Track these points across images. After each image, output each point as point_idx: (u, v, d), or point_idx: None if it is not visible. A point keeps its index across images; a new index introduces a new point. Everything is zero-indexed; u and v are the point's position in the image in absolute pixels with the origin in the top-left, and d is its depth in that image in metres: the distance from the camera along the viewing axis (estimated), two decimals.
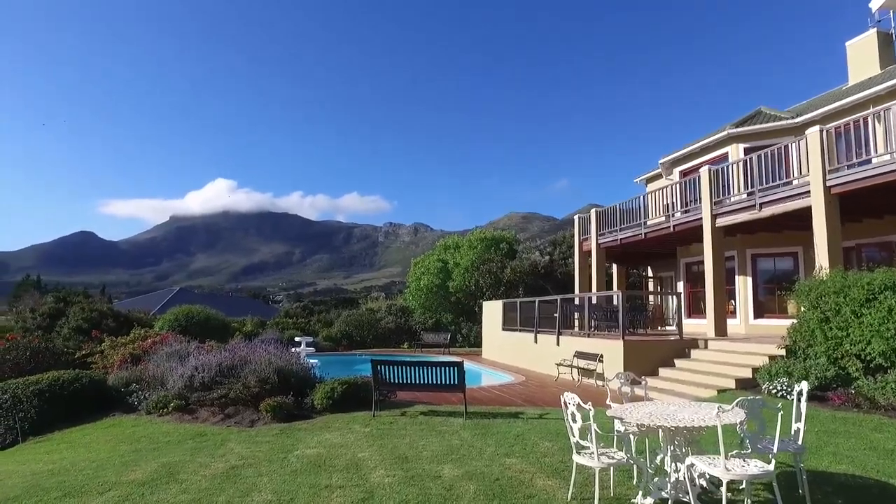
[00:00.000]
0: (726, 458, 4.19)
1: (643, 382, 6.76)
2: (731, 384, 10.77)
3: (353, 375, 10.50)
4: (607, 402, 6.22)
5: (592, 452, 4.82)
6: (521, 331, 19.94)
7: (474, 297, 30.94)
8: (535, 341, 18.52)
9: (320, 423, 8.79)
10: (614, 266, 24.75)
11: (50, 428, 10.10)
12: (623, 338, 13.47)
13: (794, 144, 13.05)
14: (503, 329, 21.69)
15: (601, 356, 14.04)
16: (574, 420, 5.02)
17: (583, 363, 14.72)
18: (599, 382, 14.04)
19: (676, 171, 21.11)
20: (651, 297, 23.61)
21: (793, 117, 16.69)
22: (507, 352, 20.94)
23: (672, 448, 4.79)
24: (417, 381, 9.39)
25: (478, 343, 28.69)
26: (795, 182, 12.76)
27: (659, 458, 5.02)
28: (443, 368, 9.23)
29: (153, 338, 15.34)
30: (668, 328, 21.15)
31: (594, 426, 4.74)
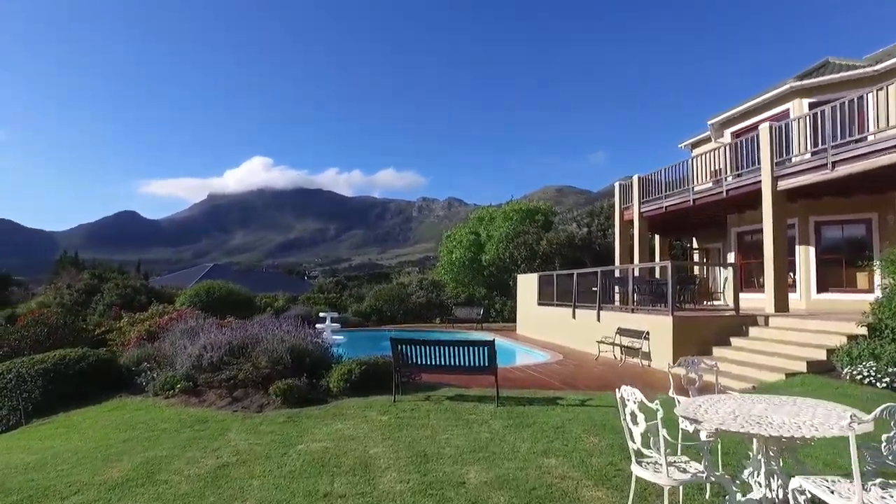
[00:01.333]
0: (864, 487, 2.99)
1: (713, 366, 5.52)
2: (802, 367, 9.41)
3: (373, 356, 9.54)
4: (670, 392, 5.06)
5: (660, 465, 3.69)
6: (558, 306, 18.75)
7: (508, 270, 29.78)
8: (574, 317, 17.31)
9: (333, 410, 7.87)
10: (656, 237, 23.19)
11: (55, 409, 9.49)
12: (672, 313, 12.16)
13: (870, 95, 11.35)
14: (539, 304, 20.53)
15: (647, 333, 12.80)
16: (635, 422, 3.88)
17: (626, 341, 13.50)
18: (645, 362, 12.81)
19: (727, 132, 19.34)
20: (696, 270, 22.05)
21: (871, 65, 14.77)
22: (542, 328, 19.80)
23: (765, 460, 3.63)
24: (443, 363, 8.36)
25: (511, 318, 27.60)
26: (871, 138, 11.12)
27: (746, 472, 3.85)
28: (472, 348, 8.16)
29: (170, 314, 14.73)
30: (715, 303, 19.66)
31: (664, 434, 3.60)
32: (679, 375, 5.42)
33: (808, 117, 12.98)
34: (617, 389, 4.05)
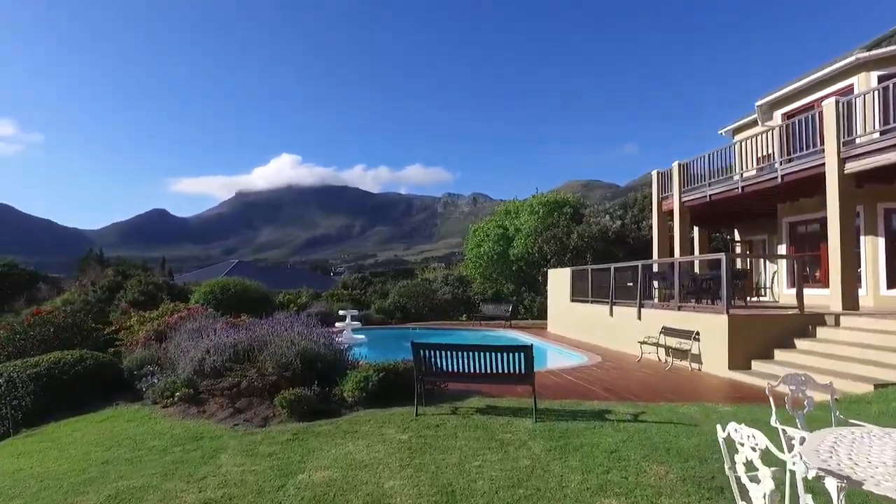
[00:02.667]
0: None
1: (828, 386, 4.27)
2: (894, 376, 8.06)
3: (393, 360, 8.49)
4: (773, 420, 3.85)
5: None
6: (593, 302, 17.49)
7: (537, 265, 28.53)
8: (611, 314, 16.04)
9: (346, 425, 6.83)
10: (695, 229, 21.70)
11: (47, 417, 8.65)
12: (727, 311, 10.84)
13: None
14: (572, 300, 19.27)
15: (697, 333, 11.50)
16: (754, 477, 2.70)
17: (672, 342, 12.21)
18: (695, 365, 11.52)
19: (777, 113, 17.76)
20: (738, 263, 20.57)
21: None
22: (576, 326, 18.55)
23: None
24: (473, 370, 7.25)
25: (541, 315, 26.36)
26: None
27: None
28: (506, 354, 7.02)
29: (180, 312, 13.90)
30: (760, 299, 18.19)
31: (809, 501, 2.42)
32: (779, 393, 4.19)
33: (877, 91, 11.51)
34: (723, 429, 2.87)
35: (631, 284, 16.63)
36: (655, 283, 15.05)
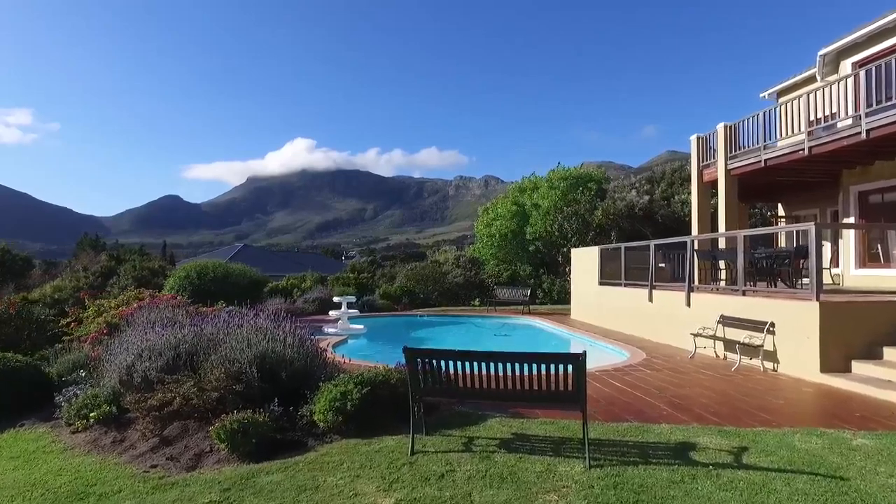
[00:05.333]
0: None
1: None
2: None
3: (383, 368, 6.26)
4: None
5: None
6: (627, 285, 15.12)
7: (557, 245, 26.15)
8: (650, 300, 13.68)
9: (307, 472, 4.60)
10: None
11: None
12: (817, 297, 8.43)
13: None
14: (600, 283, 16.90)
15: (771, 325, 9.12)
16: None
17: (735, 334, 9.87)
18: (768, 365, 9.15)
19: (847, 63, 15.11)
20: (783, 241, 18.14)
21: None
22: (606, 313, 16.22)
23: None
24: (495, 386, 4.95)
25: (561, 300, 24.05)
26: None
27: None
28: (544, 366, 4.71)
29: (141, 301, 11.77)
30: (805, 281, 15.78)
31: None
32: None
33: None
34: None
35: (663, 266, 14.31)
36: (721, 264, 12.70)
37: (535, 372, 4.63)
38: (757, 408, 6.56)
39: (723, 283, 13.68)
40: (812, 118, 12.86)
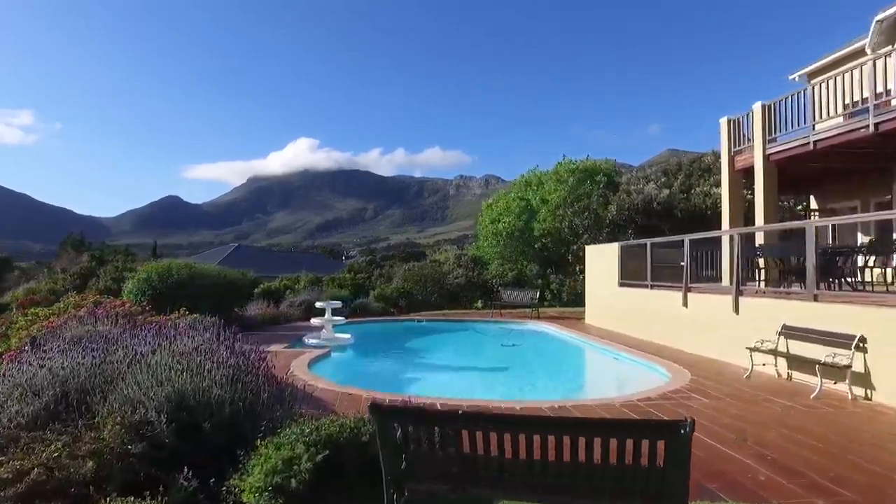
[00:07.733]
0: None
1: None
2: None
3: (345, 422, 4.30)
4: None
5: None
6: (654, 287, 13.17)
7: (566, 242, 24.16)
8: (685, 304, 11.71)
9: None
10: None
11: None
12: None
13: None
14: (621, 284, 14.93)
15: (861, 339, 7.15)
16: None
17: (804, 348, 7.90)
18: (858, 391, 7.18)
19: None
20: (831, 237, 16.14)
21: None
22: (628, 318, 14.26)
23: None
24: (527, 473, 2.93)
25: (572, 302, 22.07)
26: None
27: None
28: (620, 443, 2.69)
29: (80, 308, 9.81)
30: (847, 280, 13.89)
31: None
32: None
33: None
34: None
35: (683, 264, 12.41)
36: (761, 262, 10.72)
37: (598, 452, 2.63)
38: (889, 466, 4.59)
39: (763, 284, 11.77)
40: (872, 92, 10.90)
